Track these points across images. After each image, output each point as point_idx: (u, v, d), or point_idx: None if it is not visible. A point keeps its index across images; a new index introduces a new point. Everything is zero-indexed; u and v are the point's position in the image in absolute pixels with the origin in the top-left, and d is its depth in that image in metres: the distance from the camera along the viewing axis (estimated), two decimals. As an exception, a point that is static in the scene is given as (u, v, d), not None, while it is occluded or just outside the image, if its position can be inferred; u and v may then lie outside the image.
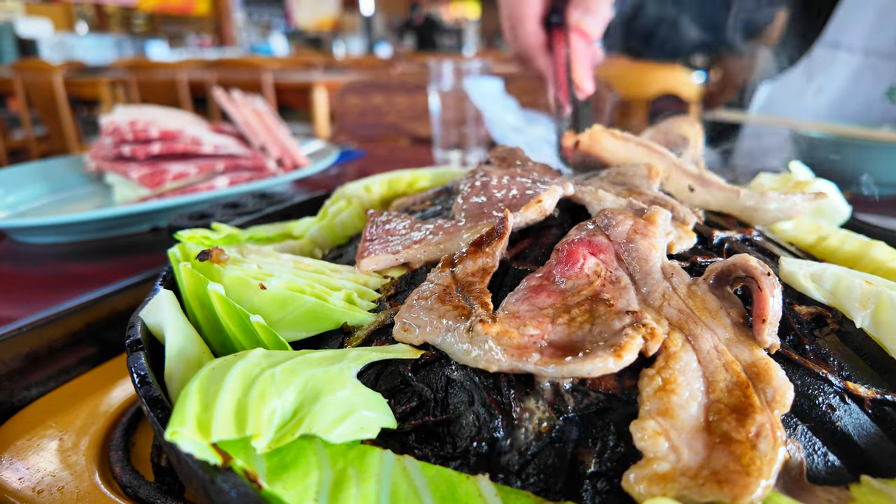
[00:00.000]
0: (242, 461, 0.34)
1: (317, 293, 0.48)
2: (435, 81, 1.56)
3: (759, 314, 0.40)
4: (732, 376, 0.38)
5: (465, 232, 0.53)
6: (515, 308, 0.43)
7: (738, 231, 0.55)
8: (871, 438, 0.40)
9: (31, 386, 0.64)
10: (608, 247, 0.45)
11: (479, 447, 0.38)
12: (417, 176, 0.93)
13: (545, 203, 0.51)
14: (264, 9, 13.69)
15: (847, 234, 0.62)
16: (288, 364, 0.38)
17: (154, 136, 1.18)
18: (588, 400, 0.38)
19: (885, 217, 1.08)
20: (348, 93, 2.47)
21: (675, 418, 0.36)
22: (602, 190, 0.54)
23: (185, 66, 5.15)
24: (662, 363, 0.38)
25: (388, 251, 0.54)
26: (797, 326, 0.45)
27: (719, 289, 0.42)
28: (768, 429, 0.35)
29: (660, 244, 0.44)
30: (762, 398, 0.37)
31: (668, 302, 0.41)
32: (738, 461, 0.34)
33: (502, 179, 0.60)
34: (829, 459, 0.39)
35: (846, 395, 0.42)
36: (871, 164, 1.28)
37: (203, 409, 0.34)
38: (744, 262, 0.41)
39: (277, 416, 0.35)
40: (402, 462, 0.36)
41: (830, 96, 1.50)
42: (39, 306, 0.70)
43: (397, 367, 0.43)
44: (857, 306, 0.45)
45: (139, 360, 0.43)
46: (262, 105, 1.42)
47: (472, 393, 0.40)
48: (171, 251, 0.56)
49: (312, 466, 0.36)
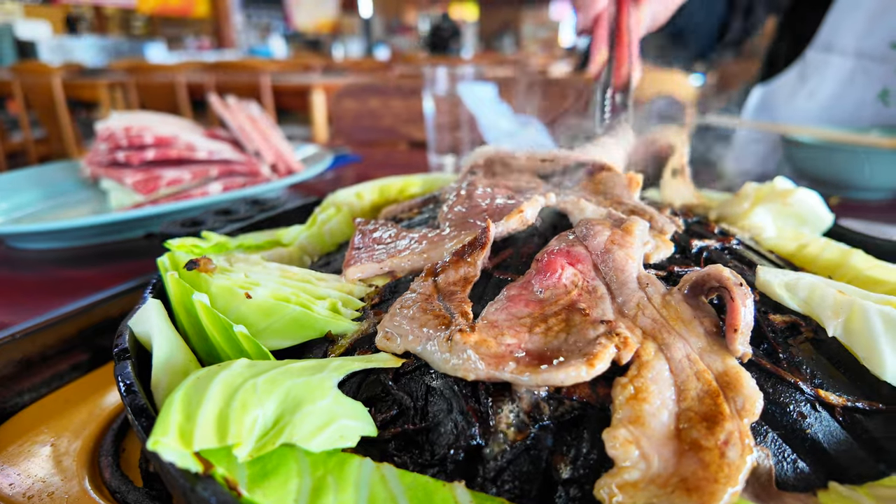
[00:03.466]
0: (224, 469, 0.35)
1: (302, 302, 0.49)
2: (429, 86, 1.57)
3: (731, 324, 0.41)
4: (704, 385, 0.39)
5: (448, 241, 0.54)
6: (494, 317, 0.43)
7: (718, 240, 0.56)
8: (841, 445, 0.41)
9: (24, 392, 0.65)
10: (586, 257, 0.46)
11: (457, 455, 0.39)
12: (409, 182, 0.94)
13: (526, 213, 0.52)
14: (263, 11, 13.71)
15: (827, 243, 0.63)
16: (270, 374, 0.38)
17: (148, 143, 1.19)
18: (563, 408, 0.39)
19: (873, 222, 1.10)
20: (344, 97, 2.48)
21: (646, 426, 0.37)
22: (583, 199, 0.55)
23: (184, 69, 5.16)
24: (635, 372, 0.39)
25: (374, 260, 0.55)
26: (771, 335, 0.46)
27: (693, 298, 0.43)
28: (737, 436, 0.36)
29: (636, 254, 0.45)
30: (732, 406, 0.38)
31: (643, 311, 0.42)
32: (707, 468, 0.35)
33: (486, 189, 0.61)
34: (799, 466, 0.39)
35: (817, 402, 0.43)
36: (860, 168, 1.29)
37: (186, 419, 0.35)
38: (717, 273, 0.42)
39: (259, 426, 0.36)
40: (380, 470, 0.37)
41: (823, 99, 1.52)
42: (34, 312, 0.71)
43: (378, 375, 0.44)
44: (829, 315, 0.46)
45: (126, 369, 0.44)
46: (257, 110, 1.43)
47: (452, 401, 0.41)
48: (160, 260, 0.57)
49: (293, 474, 0.37)
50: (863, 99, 1.48)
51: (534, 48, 13.60)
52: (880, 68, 1.44)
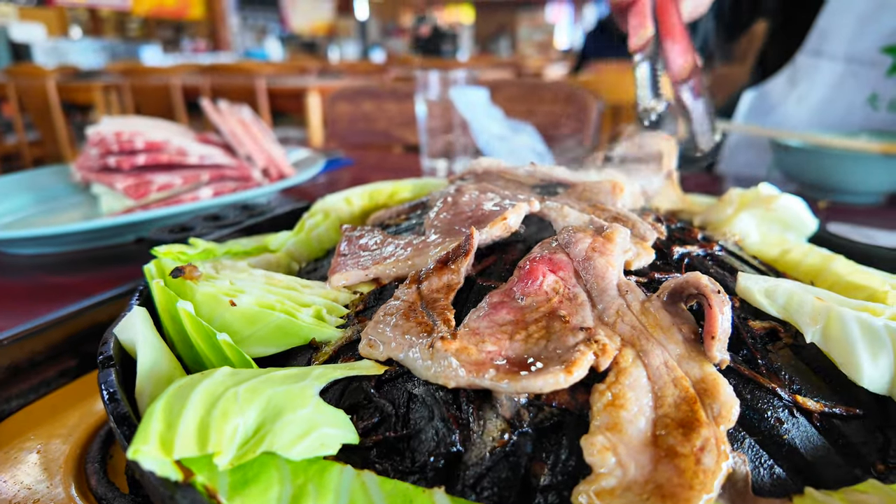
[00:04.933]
0: (205, 477, 0.35)
1: (286, 309, 0.49)
2: (421, 90, 1.57)
3: (708, 331, 0.41)
4: (681, 391, 0.39)
5: (433, 248, 0.54)
6: (476, 325, 0.44)
7: (700, 246, 0.57)
8: (818, 451, 0.42)
9: (12, 398, 0.65)
10: (568, 264, 0.46)
11: (437, 461, 0.39)
12: (398, 187, 0.94)
13: (510, 220, 0.52)
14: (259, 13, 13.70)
15: (809, 248, 0.63)
16: (252, 383, 0.39)
17: (139, 147, 1.19)
18: (542, 415, 0.40)
19: (862, 226, 1.11)
20: (338, 100, 2.48)
21: (623, 433, 0.37)
22: (567, 206, 0.55)
23: (179, 71, 5.15)
24: (613, 378, 0.40)
25: (359, 266, 0.55)
26: (750, 341, 0.47)
27: (672, 305, 0.44)
28: (713, 443, 0.37)
29: (616, 262, 0.46)
30: (709, 413, 0.38)
31: (622, 318, 0.42)
32: (682, 475, 0.35)
33: (472, 195, 0.61)
34: (775, 471, 0.40)
35: (795, 408, 0.43)
36: (850, 173, 1.30)
37: (167, 428, 0.35)
38: (695, 280, 0.43)
39: (240, 434, 0.37)
40: (361, 477, 0.38)
41: (813, 103, 1.53)
42: (23, 318, 0.71)
43: (361, 383, 0.44)
44: (808, 321, 0.46)
45: (109, 377, 0.44)
46: (249, 114, 1.43)
47: (433, 408, 0.41)
48: (146, 267, 0.57)
49: (274, 482, 0.37)
50: (852, 103, 1.49)
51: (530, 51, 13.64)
52: (870, 72, 1.45)
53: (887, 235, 1.05)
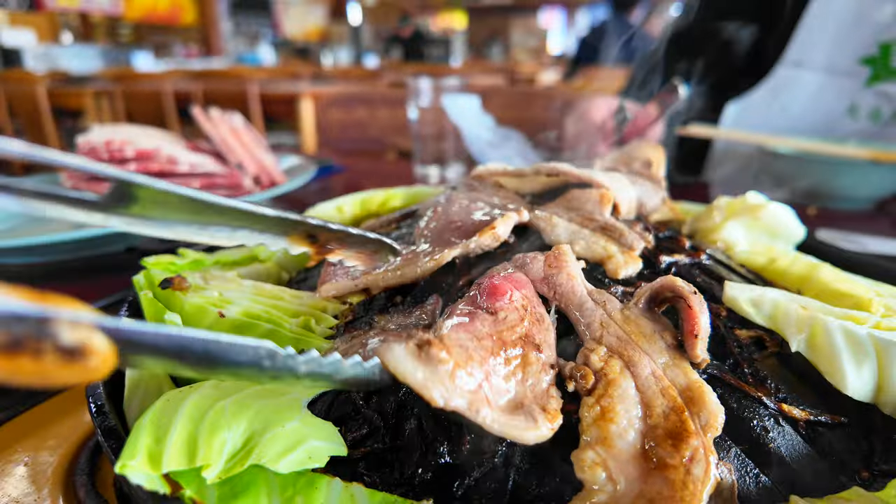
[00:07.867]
0: (193, 491, 0.35)
1: (273, 320, 0.49)
2: (414, 97, 1.58)
3: (690, 330, 0.42)
4: (669, 401, 0.40)
5: (423, 258, 0.54)
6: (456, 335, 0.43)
7: (688, 255, 0.57)
8: (804, 459, 0.42)
9: (0, 410, 0.64)
10: (527, 283, 0.46)
11: (426, 473, 0.39)
12: (390, 195, 0.94)
13: (499, 230, 0.53)
14: (252, 18, 13.69)
15: (797, 257, 0.64)
16: (239, 396, 0.39)
17: (130, 156, 1.18)
18: (531, 426, 0.40)
19: (851, 232, 1.11)
20: (331, 107, 2.49)
21: (612, 447, 0.37)
22: (556, 216, 0.56)
23: (171, 77, 5.14)
24: (602, 391, 0.40)
25: (349, 277, 0.55)
26: (737, 350, 0.47)
27: (651, 312, 0.44)
28: (701, 453, 0.37)
29: (576, 272, 0.46)
30: (696, 422, 0.39)
31: (607, 330, 0.43)
32: (672, 486, 0.35)
33: (462, 204, 0.62)
34: (761, 480, 0.40)
35: (781, 416, 0.43)
36: (838, 179, 1.31)
37: (155, 442, 0.35)
38: (670, 284, 0.43)
39: (228, 447, 0.37)
40: (349, 489, 0.38)
41: (794, 114, 1.55)
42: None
43: (349, 394, 0.44)
44: (793, 330, 0.47)
45: (97, 390, 0.44)
46: (241, 122, 1.43)
47: (422, 419, 0.41)
48: (135, 278, 0.57)
49: (262, 494, 0.37)
50: (832, 113, 1.51)
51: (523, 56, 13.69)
52: (848, 83, 1.47)
53: (876, 241, 1.06)
